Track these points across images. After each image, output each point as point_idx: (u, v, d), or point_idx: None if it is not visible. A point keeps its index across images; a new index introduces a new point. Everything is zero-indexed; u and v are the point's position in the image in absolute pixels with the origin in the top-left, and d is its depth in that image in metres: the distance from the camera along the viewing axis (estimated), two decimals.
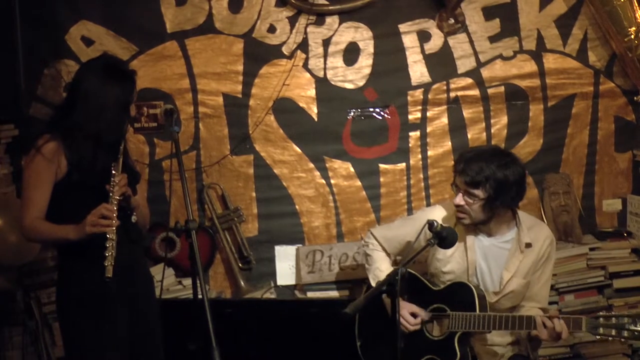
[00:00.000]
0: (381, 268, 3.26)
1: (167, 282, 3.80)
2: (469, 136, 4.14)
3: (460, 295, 3.02)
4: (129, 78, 2.85)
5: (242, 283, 3.96)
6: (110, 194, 2.70)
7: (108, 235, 2.64)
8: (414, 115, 4.11)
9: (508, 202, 3.01)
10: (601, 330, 2.71)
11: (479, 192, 2.95)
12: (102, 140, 2.75)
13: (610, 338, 2.71)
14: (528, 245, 3.06)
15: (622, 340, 2.70)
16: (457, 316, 2.99)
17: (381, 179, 4.12)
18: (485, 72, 4.10)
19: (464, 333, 2.98)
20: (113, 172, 2.73)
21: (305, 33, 4.00)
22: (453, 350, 2.97)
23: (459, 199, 3.00)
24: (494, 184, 2.93)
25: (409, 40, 4.06)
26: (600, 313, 2.78)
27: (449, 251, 3.10)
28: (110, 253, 2.63)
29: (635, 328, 2.64)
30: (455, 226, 3.07)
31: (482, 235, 3.11)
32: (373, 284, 3.25)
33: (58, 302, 2.87)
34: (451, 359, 2.97)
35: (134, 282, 2.88)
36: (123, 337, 2.82)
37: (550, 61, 4.13)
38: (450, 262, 3.13)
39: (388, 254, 3.33)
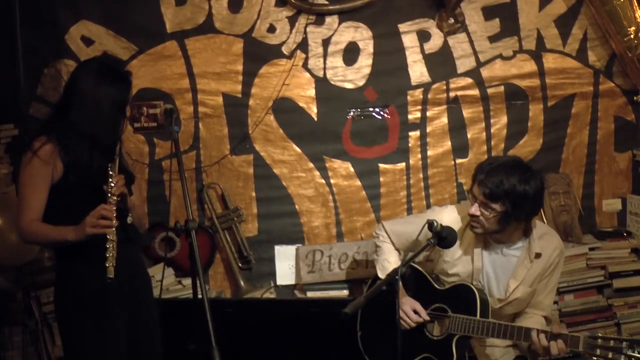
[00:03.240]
0: (389, 260, 3.26)
1: (167, 282, 3.80)
2: (469, 136, 4.14)
3: (462, 297, 3.02)
4: (124, 78, 2.84)
5: (242, 283, 3.96)
6: (109, 195, 2.69)
7: (108, 236, 2.63)
8: (414, 115, 4.11)
9: (523, 217, 2.97)
10: (598, 351, 2.68)
11: (496, 206, 2.90)
12: (98, 141, 2.75)
13: None
14: (538, 255, 3.03)
15: None
16: (457, 319, 2.98)
17: (381, 179, 4.12)
18: (485, 72, 4.10)
19: (462, 336, 2.98)
20: (110, 172, 2.72)
21: (305, 33, 4.00)
22: (450, 352, 2.97)
23: (475, 209, 2.95)
24: (512, 198, 2.88)
25: (409, 40, 4.06)
26: (599, 334, 2.75)
27: (457, 254, 3.10)
28: (111, 254, 2.62)
29: (633, 354, 2.61)
30: (465, 230, 3.07)
31: (492, 242, 3.08)
32: (380, 274, 3.25)
33: (56, 304, 2.86)
34: None
35: (132, 282, 2.87)
36: (122, 337, 2.82)
37: (550, 61, 4.13)
38: (456, 266, 3.12)
39: (397, 249, 3.33)
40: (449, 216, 3.11)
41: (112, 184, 2.70)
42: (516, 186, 2.88)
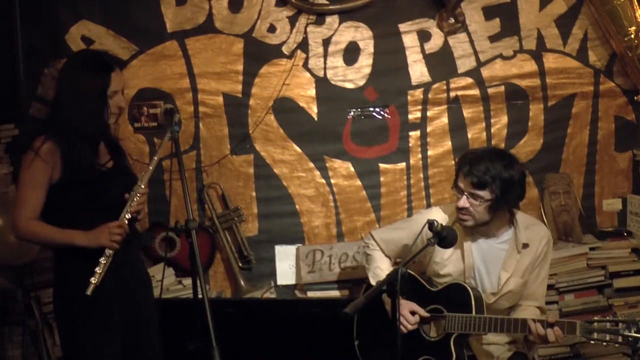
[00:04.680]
0: (381, 267, 3.26)
1: (167, 282, 3.80)
2: (469, 136, 4.14)
3: (456, 296, 3.02)
4: (104, 65, 2.81)
5: (242, 283, 3.96)
6: (126, 207, 2.70)
7: (106, 253, 2.64)
8: (414, 114, 4.11)
9: (512, 202, 3.01)
10: (595, 335, 2.70)
11: (485, 194, 2.93)
12: (84, 133, 2.75)
13: (604, 343, 2.71)
14: (525, 245, 3.06)
15: (617, 345, 2.71)
16: (454, 317, 2.99)
17: (381, 179, 4.12)
18: (485, 72, 4.10)
19: (460, 334, 2.98)
20: (141, 185, 2.74)
21: (305, 33, 4.00)
22: (449, 352, 2.97)
23: (464, 202, 2.97)
24: (500, 184, 2.92)
25: (409, 40, 4.06)
26: (595, 317, 2.77)
27: (446, 255, 3.11)
28: (100, 271, 2.61)
29: (630, 334, 2.64)
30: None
31: (480, 237, 3.10)
32: (373, 282, 3.25)
33: (55, 304, 2.86)
34: None
35: (132, 282, 2.88)
36: (122, 337, 2.82)
37: (551, 61, 4.12)
38: (447, 266, 3.13)
39: (387, 256, 3.33)
40: (436, 216, 3.10)
41: (135, 197, 2.72)
42: (502, 172, 2.93)
